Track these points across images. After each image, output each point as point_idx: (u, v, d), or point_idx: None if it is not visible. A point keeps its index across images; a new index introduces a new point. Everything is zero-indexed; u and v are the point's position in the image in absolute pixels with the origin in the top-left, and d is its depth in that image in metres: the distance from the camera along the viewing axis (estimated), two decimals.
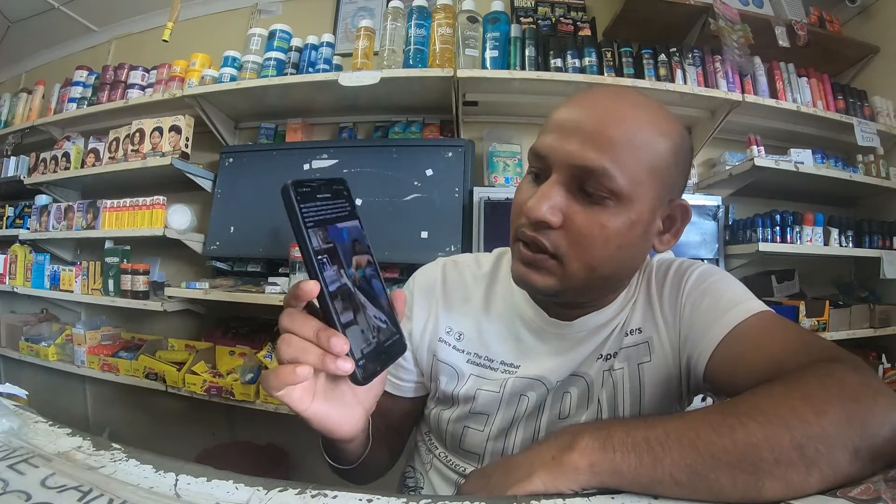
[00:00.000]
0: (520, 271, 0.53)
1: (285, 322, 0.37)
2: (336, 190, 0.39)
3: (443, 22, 1.66)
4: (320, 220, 0.37)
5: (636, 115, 0.50)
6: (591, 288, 0.54)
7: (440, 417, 0.64)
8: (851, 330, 1.69)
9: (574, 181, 0.49)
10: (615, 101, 0.51)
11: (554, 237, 0.50)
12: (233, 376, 1.63)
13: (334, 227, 0.38)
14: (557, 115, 0.52)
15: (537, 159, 0.52)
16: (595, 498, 0.37)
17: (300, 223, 0.36)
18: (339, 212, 0.39)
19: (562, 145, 0.49)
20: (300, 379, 0.36)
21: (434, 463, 0.66)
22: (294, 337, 0.37)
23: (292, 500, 0.34)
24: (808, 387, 0.38)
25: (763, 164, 1.62)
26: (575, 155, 0.48)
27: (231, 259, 1.88)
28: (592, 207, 0.49)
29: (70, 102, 2.20)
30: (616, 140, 0.48)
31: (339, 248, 0.38)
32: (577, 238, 0.49)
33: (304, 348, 0.36)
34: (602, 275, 0.52)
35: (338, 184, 0.40)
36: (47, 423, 0.44)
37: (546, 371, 0.59)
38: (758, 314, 0.52)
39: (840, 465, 0.34)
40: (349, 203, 0.40)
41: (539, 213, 0.48)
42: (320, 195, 0.38)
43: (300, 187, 0.36)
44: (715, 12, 1.70)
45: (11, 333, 2.15)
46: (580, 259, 0.50)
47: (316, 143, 1.96)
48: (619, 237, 0.49)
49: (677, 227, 0.56)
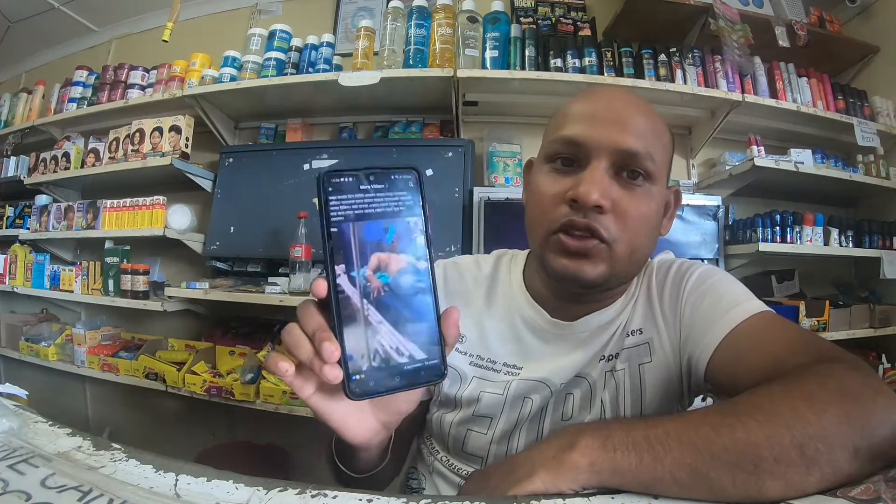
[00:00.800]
0: (565, 265, 0.52)
1: (298, 310, 0.36)
2: (396, 180, 0.34)
3: (443, 22, 1.66)
4: (353, 215, 0.33)
5: (650, 108, 0.56)
6: (628, 272, 0.57)
7: (442, 421, 0.63)
8: (851, 330, 1.69)
9: (615, 166, 0.52)
10: (630, 95, 0.57)
11: (605, 221, 0.51)
12: (233, 376, 1.63)
13: (375, 223, 0.33)
14: (580, 107, 0.55)
15: (571, 146, 0.53)
16: (595, 497, 0.36)
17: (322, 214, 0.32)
18: (391, 206, 0.34)
19: (602, 132, 0.52)
20: (281, 373, 0.35)
21: (436, 466, 0.65)
22: (297, 328, 0.36)
23: (292, 500, 0.34)
24: (808, 386, 0.38)
25: (763, 164, 1.62)
26: (618, 140, 0.51)
27: (231, 259, 1.88)
28: (633, 190, 0.52)
29: (70, 102, 2.20)
30: (647, 127, 0.53)
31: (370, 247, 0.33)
32: (625, 220, 0.51)
33: (299, 343, 0.35)
34: (638, 257, 0.55)
35: (400, 173, 0.34)
36: (47, 423, 0.44)
37: (550, 373, 0.59)
38: (758, 314, 0.52)
39: (840, 464, 0.34)
40: (412, 197, 0.34)
41: (594, 197, 0.49)
42: (366, 185, 0.33)
43: (335, 176, 0.33)
44: (715, 12, 1.70)
45: (11, 333, 2.14)
46: (627, 241, 0.52)
47: (316, 143, 1.96)
48: (654, 217, 0.54)
49: (671, 212, 0.61)
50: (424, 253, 0.34)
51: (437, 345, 0.35)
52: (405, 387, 0.34)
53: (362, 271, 0.33)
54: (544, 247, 0.54)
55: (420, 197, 0.35)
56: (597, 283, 0.53)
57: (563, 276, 0.53)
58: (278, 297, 1.56)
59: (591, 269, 0.51)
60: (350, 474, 0.51)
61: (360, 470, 0.50)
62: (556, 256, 0.53)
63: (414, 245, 0.34)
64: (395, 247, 0.34)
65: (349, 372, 0.33)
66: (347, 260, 0.33)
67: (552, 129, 0.57)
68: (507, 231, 1.51)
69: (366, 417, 0.41)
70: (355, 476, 0.51)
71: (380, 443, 0.44)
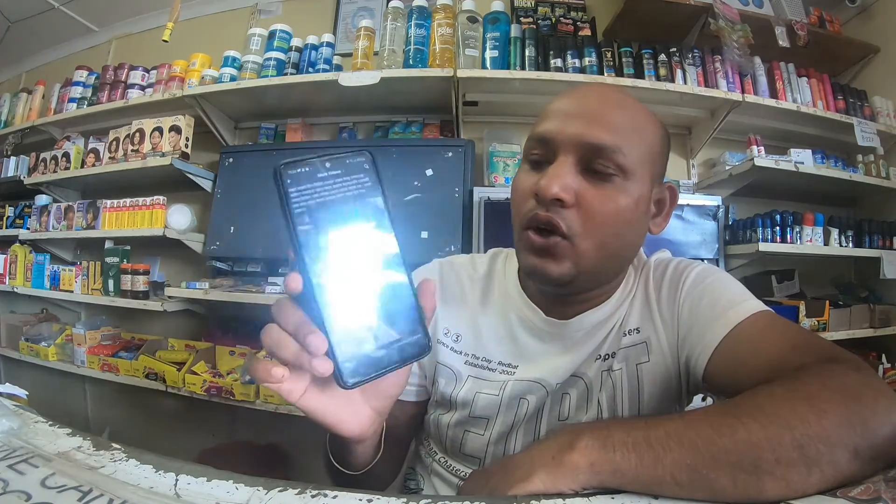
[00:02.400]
0: (532, 263, 0.53)
1: (273, 310, 0.36)
2: (351, 164, 0.34)
3: (443, 22, 1.66)
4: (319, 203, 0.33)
5: (630, 103, 0.55)
6: (600, 270, 0.55)
7: (439, 422, 0.63)
8: (851, 330, 1.69)
9: (582, 160, 0.51)
10: (609, 91, 0.56)
11: (567, 216, 0.50)
12: (233, 376, 1.63)
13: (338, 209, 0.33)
14: (555, 105, 0.55)
15: (540, 144, 0.53)
16: (595, 498, 0.36)
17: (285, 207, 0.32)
18: (351, 190, 0.34)
19: (568, 127, 0.51)
20: (274, 380, 0.34)
21: (434, 467, 0.65)
22: (275, 328, 0.35)
23: (292, 500, 0.34)
24: (809, 387, 0.38)
25: (763, 164, 1.62)
26: (583, 134, 0.51)
27: (231, 259, 1.88)
28: (602, 185, 0.51)
29: (70, 102, 2.20)
30: (619, 121, 0.52)
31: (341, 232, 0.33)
32: (589, 215, 0.50)
33: (281, 342, 0.34)
34: (610, 253, 0.53)
35: (355, 157, 0.34)
36: (47, 423, 0.44)
37: (546, 373, 0.59)
38: (757, 314, 0.52)
39: (840, 465, 0.34)
40: (370, 179, 0.35)
41: (552, 191, 0.49)
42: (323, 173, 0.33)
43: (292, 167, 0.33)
44: (715, 12, 1.70)
45: (11, 333, 2.14)
46: (592, 236, 0.51)
47: (316, 143, 1.96)
48: (627, 213, 0.52)
49: (667, 210, 0.59)
50: (391, 231, 0.34)
51: (418, 319, 0.35)
52: (395, 365, 0.34)
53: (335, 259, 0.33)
54: (518, 244, 0.55)
55: (377, 178, 0.35)
56: (563, 281, 0.52)
57: (531, 273, 0.54)
58: (278, 297, 1.56)
59: (556, 268, 0.51)
60: (348, 473, 0.50)
61: (356, 467, 0.49)
62: (527, 254, 0.53)
63: (380, 226, 0.34)
64: (362, 230, 0.34)
65: (338, 361, 0.32)
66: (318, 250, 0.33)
67: (532, 128, 0.58)
68: (507, 231, 1.50)
69: (359, 408, 0.40)
70: (353, 474, 0.50)
71: (374, 432, 0.44)
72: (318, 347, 0.32)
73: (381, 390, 0.41)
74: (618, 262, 0.57)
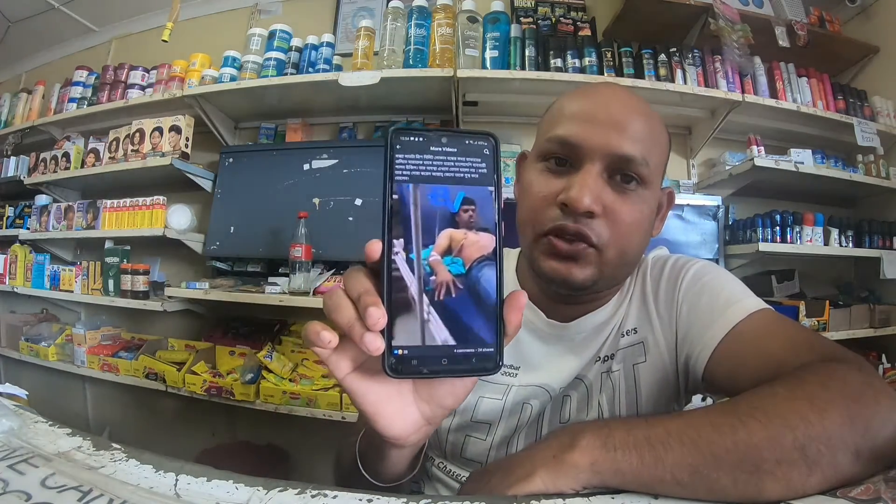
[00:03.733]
0: (555, 268, 0.51)
1: (346, 275, 0.33)
2: (470, 146, 0.32)
3: (443, 22, 1.66)
4: (423, 175, 0.30)
5: (649, 110, 0.55)
6: (617, 276, 0.56)
7: (439, 427, 0.62)
8: (851, 330, 1.69)
9: (608, 170, 0.51)
10: (628, 96, 0.55)
11: (595, 226, 0.50)
12: (233, 376, 1.63)
13: (442, 187, 0.30)
14: (576, 107, 0.53)
15: (565, 147, 0.52)
16: (595, 497, 0.36)
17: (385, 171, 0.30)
18: (463, 173, 0.31)
19: (598, 135, 0.51)
20: (321, 343, 0.32)
21: (432, 472, 0.65)
22: (340, 291, 0.32)
23: (292, 500, 0.34)
24: (811, 387, 0.38)
25: (763, 164, 1.62)
26: (614, 144, 0.50)
27: (231, 259, 1.88)
28: (627, 194, 0.52)
29: (70, 102, 2.20)
30: (643, 130, 0.52)
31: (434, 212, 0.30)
32: (615, 225, 0.51)
33: (341, 305, 0.31)
34: (628, 260, 0.54)
35: (476, 139, 0.32)
36: (47, 423, 0.44)
37: (549, 378, 0.59)
38: (757, 312, 0.51)
39: (841, 465, 0.34)
40: (487, 166, 0.32)
41: (585, 203, 0.48)
42: (439, 148, 0.31)
43: (406, 134, 0.30)
44: (715, 12, 1.70)
45: (11, 333, 2.14)
46: (616, 245, 0.51)
47: (316, 143, 1.96)
48: (646, 221, 0.54)
49: (663, 213, 0.60)
50: (494, 227, 0.31)
51: (496, 331, 0.31)
52: (452, 372, 0.31)
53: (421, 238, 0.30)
54: (534, 248, 0.53)
55: (495, 166, 0.32)
56: (585, 287, 0.52)
57: (552, 278, 0.52)
58: (278, 297, 1.56)
59: (580, 273, 0.51)
60: (376, 483, 0.44)
61: (386, 478, 0.44)
62: (546, 258, 0.52)
63: (482, 217, 0.31)
64: (462, 217, 0.31)
65: (391, 345, 0.30)
66: (407, 224, 0.30)
67: (546, 126, 0.56)
68: (507, 231, 1.51)
69: (407, 405, 0.36)
70: (381, 485, 0.44)
71: (416, 442, 0.38)
72: (376, 321, 0.29)
73: (436, 396, 0.36)
74: (631, 268, 0.59)
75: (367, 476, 0.44)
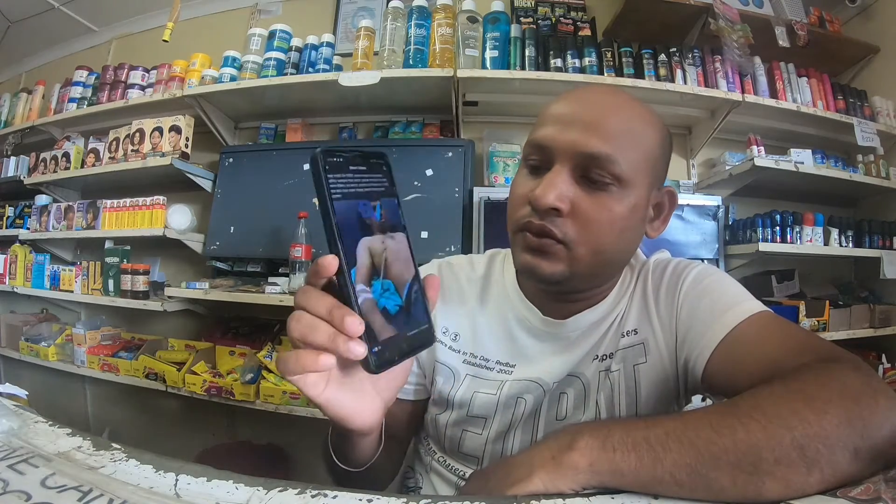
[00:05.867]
0: (526, 260, 0.53)
1: (299, 298, 0.35)
2: (373, 164, 0.37)
3: (443, 22, 1.66)
4: (349, 193, 0.35)
5: (629, 107, 0.54)
6: (595, 273, 0.55)
7: (437, 421, 0.64)
8: (851, 330, 1.69)
9: (578, 169, 0.51)
10: (608, 95, 0.55)
11: (561, 224, 0.51)
12: (233, 376, 1.63)
13: (364, 202, 0.36)
14: (553, 109, 0.54)
15: (537, 150, 0.53)
16: (595, 498, 0.36)
17: (325, 192, 0.34)
18: (374, 187, 0.37)
19: (565, 135, 0.51)
20: (322, 368, 0.34)
21: (433, 465, 0.66)
22: (305, 313, 0.34)
23: (292, 500, 0.34)
24: (809, 387, 0.38)
25: (763, 164, 1.62)
26: (579, 143, 0.50)
27: (231, 259, 1.88)
28: (597, 193, 0.51)
29: (70, 102, 2.20)
30: (616, 129, 0.51)
31: (366, 224, 0.35)
32: (584, 223, 0.51)
33: (315, 325, 0.33)
34: (606, 259, 0.54)
35: (377, 157, 0.38)
36: (47, 423, 0.44)
37: (542, 372, 0.59)
38: (757, 314, 0.52)
39: (840, 465, 0.34)
40: (387, 179, 0.38)
41: (548, 200, 0.50)
42: (353, 167, 0.36)
43: (330, 156, 0.35)
44: (715, 12, 1.70)
45: (11, 333, 2.14)
46: (587, 243, 0.51)
47: (316, 144, 1.96)
48: (622, 221, 0.52)
49: (666, 214, 0.59)
50: (404, 226, 0.38)
51: (426, 310, 0.38)
52: (410, 353, 0.36)
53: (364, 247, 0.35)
54: (513, 244, 0.56)
55: (391, 177, 0.38)
56: (556, 280, 0.53)
57: (523, 270, 0.54)
58: (278, 297, 1.56)
59: (549, 266, 0.52)
60: (350, 470, 0.51)
61: (359, 463, 0.50)
62: (521, 252, 0.54)
63: (397, 219, 0.38)
64: (385, 222, 0.37)
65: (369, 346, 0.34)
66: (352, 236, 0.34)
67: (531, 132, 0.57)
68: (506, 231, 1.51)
69: (371, 399, 0.41)
70: (355, 471, 0.51)
71: (379, 425, 0.45)
72: (356, 329, 0.32)
73: (391, 380, 0.42)
74: (613, 267, 0.58)
75: (347, 468, 0.50)
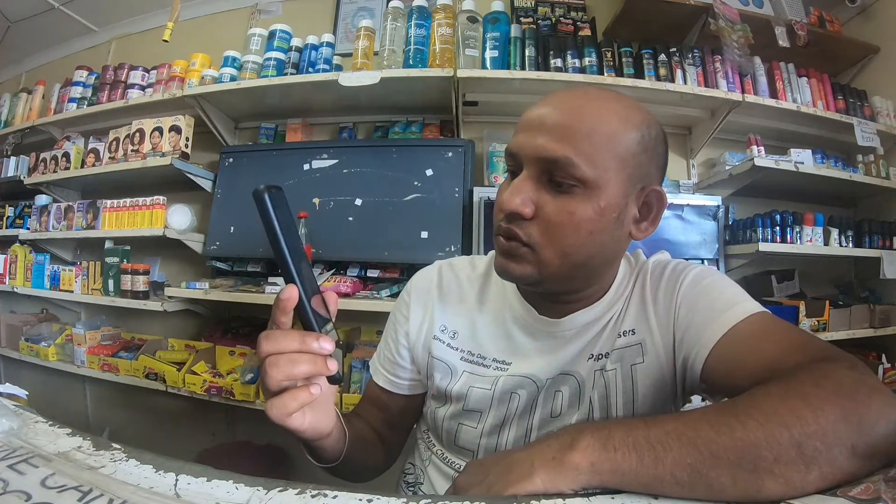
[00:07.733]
0: (499, 262, 0.56)
1: (268, 346, 0.39)
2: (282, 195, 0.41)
3: (443, 22, 1.66)
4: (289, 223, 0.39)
5: (599, 107, 0.52)
6: (570, 276, 0.55)
7: (436, 415, 0.65)
8: (851, 330, 1.68)
9: (543, 173, 0.52)
10: (580, 96, 0.53)
11: (527, 227, 0.52)
12: (233, 376, 1.63)
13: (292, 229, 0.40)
14: (525, 116, 0.55)
15: (510, 157, 0.55)
16: (595, 498, 0.37)
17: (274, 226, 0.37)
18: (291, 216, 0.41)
19: (529, 141, 0.52)
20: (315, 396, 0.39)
21: (432, 460, 0.67)
22: (280, 357, 0.38)
23: (292, 500, 0.34)
24: (806, 386, 0.39)
25: (763, 164, 1.62)
26: (540, 148, 0.51)
27: (231, 259, 1.88)
28: (562, 196, 0.51)
29: (70, 102, 2.20)
30: (578, 131, 0.50)
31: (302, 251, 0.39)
32: (548, 226, 0.51)
33: (295, 360, 0.38)
34: (576, 261, 0.53)
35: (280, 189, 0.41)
36: (47, 423, 0.44)
37: (536, 369, 0.60)
38: (754, 315, 0.52)
39: (838, 462, 0.35)
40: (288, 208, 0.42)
41: (511, 205, 0.51)
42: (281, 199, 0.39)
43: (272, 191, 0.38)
44: (715, 12, 1.70)
45: (11, 333, 2.14)
46: (552, 246, 0.52)
47: (316, 143, 1.96)
48: (589, 223, 0.51)
49: (654, 215, 0.57)
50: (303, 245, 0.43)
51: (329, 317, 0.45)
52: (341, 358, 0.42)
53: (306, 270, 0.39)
54: (495, 247, 0.58)
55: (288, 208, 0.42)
56: (526, 282, 0.55)
57: (499, 272, 0.57)
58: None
59: (518, 269, 0.54)
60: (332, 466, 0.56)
61: (333, 457, 0.55)
62: (497, 255, 0.57)
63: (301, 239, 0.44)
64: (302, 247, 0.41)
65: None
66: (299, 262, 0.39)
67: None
68: None
69: (329, 407, 0.49)
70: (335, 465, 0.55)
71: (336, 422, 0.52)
72: (330, 347, 0.39)
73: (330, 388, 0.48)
74: (588, 269, 0.56)
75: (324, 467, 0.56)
